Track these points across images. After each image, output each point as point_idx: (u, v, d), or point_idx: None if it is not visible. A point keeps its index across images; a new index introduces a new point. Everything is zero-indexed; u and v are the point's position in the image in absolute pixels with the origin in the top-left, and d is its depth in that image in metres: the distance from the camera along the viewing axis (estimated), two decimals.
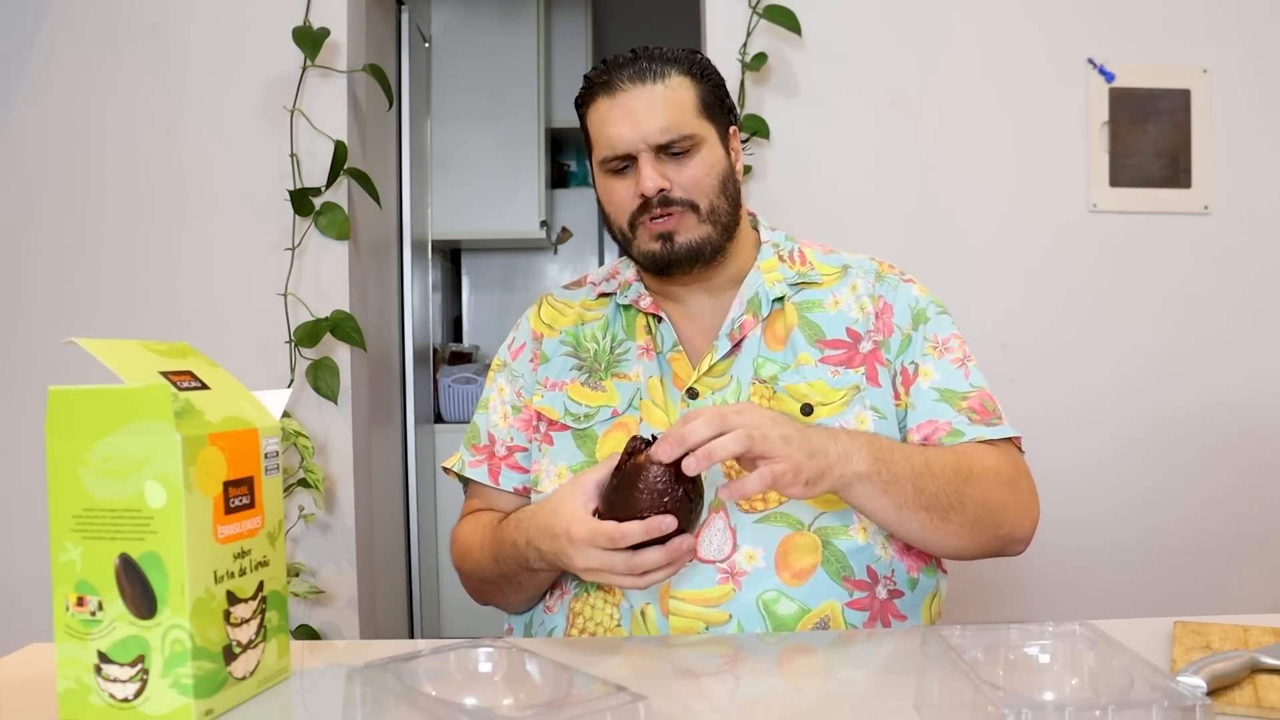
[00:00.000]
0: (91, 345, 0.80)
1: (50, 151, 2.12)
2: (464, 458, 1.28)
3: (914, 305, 1.21)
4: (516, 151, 3.50)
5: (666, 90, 1.13)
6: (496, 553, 1.12)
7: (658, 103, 1.13)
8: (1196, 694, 0.66)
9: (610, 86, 1.14)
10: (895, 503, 1.02)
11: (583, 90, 1.18)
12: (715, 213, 1.15)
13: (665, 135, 1.12)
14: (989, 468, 1.09)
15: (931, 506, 1.04)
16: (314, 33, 2.01)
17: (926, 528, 1.05)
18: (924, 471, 1.03)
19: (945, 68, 2.17)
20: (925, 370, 1.17)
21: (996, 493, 1.09)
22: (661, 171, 1.13)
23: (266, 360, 2.05)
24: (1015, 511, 1.11)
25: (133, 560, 0.77)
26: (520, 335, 1.31)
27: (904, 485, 1.02)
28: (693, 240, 1.15)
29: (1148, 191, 2.17)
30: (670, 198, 1.13)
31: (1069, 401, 2.15)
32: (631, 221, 1.16)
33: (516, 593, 1.16)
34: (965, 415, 1.14)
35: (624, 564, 0.93)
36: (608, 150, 1.15)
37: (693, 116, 1.15)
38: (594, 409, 1.19)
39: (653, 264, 1.17)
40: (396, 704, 0.71)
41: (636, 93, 1.13)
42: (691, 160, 1.14)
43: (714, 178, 1.15)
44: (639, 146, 1.13)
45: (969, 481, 1.06)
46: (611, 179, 1.17)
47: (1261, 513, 2.18)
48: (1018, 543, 1.12)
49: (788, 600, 1.07)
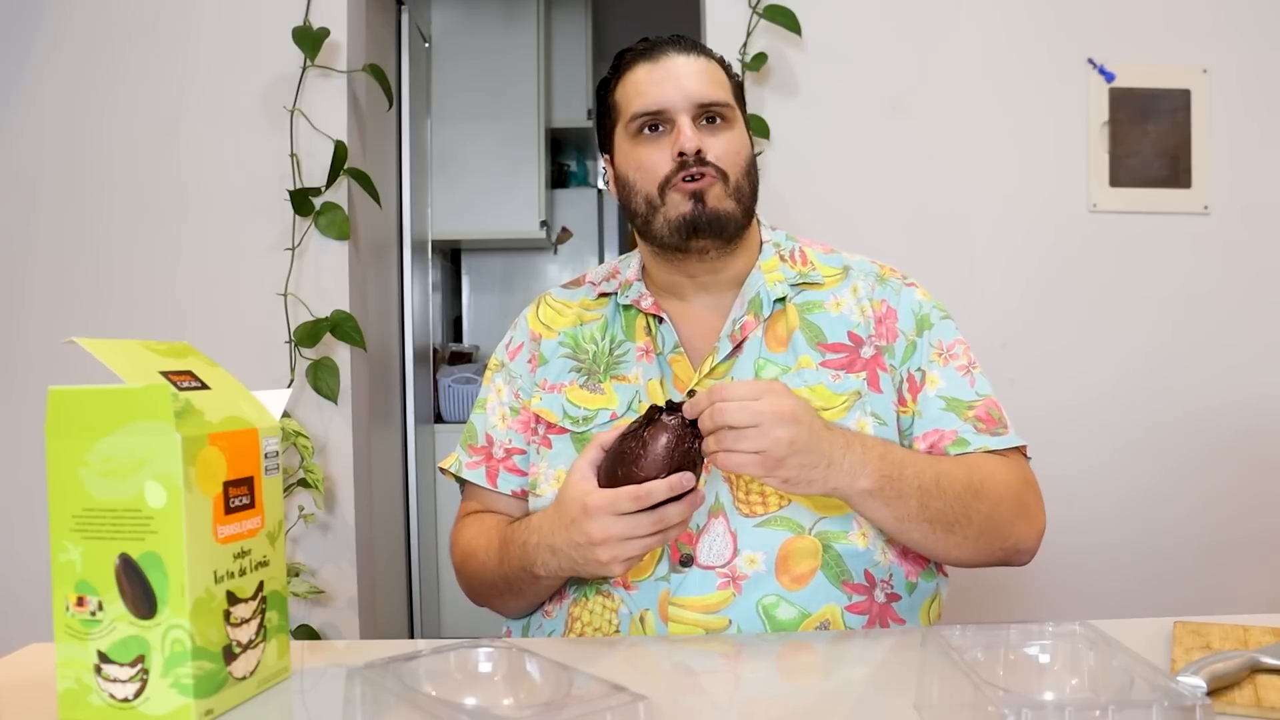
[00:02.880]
0: (91, 345, 0.80)
1: (50, 151, 2.12)
2: (461, 458, 1.27)
3: (917, 311, 1.20)
4: (516, 151, 3.50)
5: (708, 64, 1.19)
6: (503, 554, 1.11)
7: (701, 70, 1.17)
8: (1196, 694, 0.66)
9: (653, 53, 1.18)
10: (897, 515, 1.03)
11: (617, 62, 1.21)
12: (740, 191, 1.17)
13: (706, 96, 1.15)
14: (999, 481, 1.10)
15: (936, 521, 1.05)
16: (314, 33, 2.01)
17: (929, 539, 1.06)
18: (933, 489, 1.04)
19: (945, 68, 2.17)
20: (932, 378, 1.16)
21: (1004, 507, 1.10)
22: (699, 135, 1.15)
23: (266, 360, 2.05)
24: (1022, 525, 1.11)
25: (133, 560, 0.77)
26: (518, 335, 1.29)
27: (908, 501, 1.03)
28: (721, 210, 1.15)
29: (1148, 191, 2.17)
30: (705, 159, 1.14)
31: (1069, 401, 2.15)
32: (663, 185, 1.15)
33: (517, 599, 1.15)
34: (971, 424, 1.14)
35: (649, 522, 0.94)
36: (643, 106, 1.16)
37: (729, 95, 1.19)
38: (592, 412, 1.18)
39: (682, 227, 1.15)
40: (396, 704, 0.71)
41: (680, 59, 1.17)
42: (726, 133, 1.17)
43: (742, 156, 1.18)
44: (680, 105, 1.15)
45: (977, 497, 1.07)
46: (642, 144, 1.17)
47: (1261, 513, 2.17)
48: (1023, 554, 1.13)
49: (788, 605, 1.07)
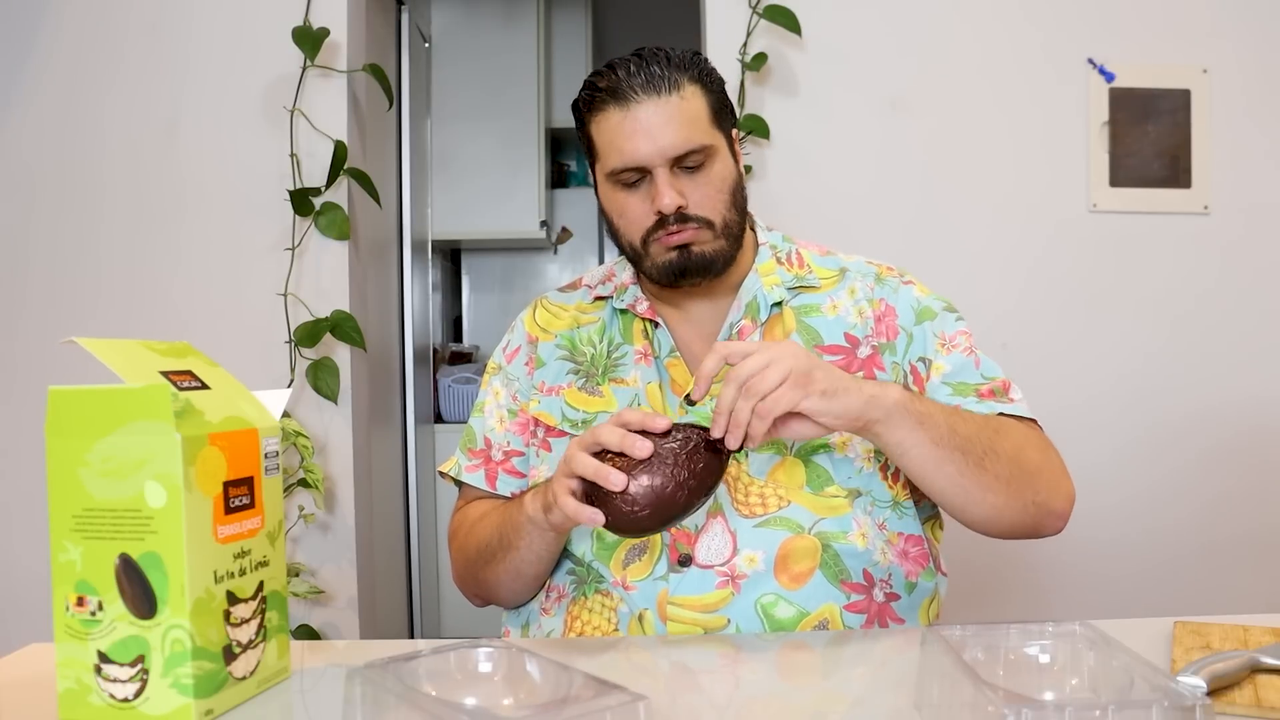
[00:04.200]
0: (91, 345, 0.80)
1: (50, 151, 2.12)
2: (460, 462, 1.27)
3: (916, 305, 1.20)
4: (516, 151, 3.50)
5: (681, 102, 1.10)
6: (504, 514, 1.13)
7: (674, 116, 1.10)
8: (1196, 694, 0.66)
9: (621, 96, 1.10)
10: (932, 438, 1.01)
11: (585, 95, 1.14)
12: (728, 227, 1.15)
13: (681, 148, 1.10)
14: (1017, 428, 1.10)
15: (968, 450, 1.02)
16: (314, 33, 2.01)
17: (965, 473, 1.03)
18: (954, 414, 1.04)
19: (945, 68, 2.17)
20: (937, 366, 1.17)
21: (1029, 452, 1.08)
22: (677, 187, 1.11)
23: (266, 360, 2.05)
24: (1050, 478, 1.09)
25: (133, 560, 0.77)
26: (515, 338, 1.29)
27: (937, 421, 1.01)
28: (707, 253, 1.14)
29: (1148, 191, 2.17)
30: (686, 214, 1.12)
31: (1069, 401, 2.15)
32: (645, 238, 1.14)
33: (506, 555, 1.13)
34: (975, 398, 1.14)
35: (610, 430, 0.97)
36: (620, 163, 1.12)
37: (706, 128, 1.12)
38: (592, 415, 1.18)
39: (668, 273, 1.14)
40: (396, 704, 0.71)
41: (651, 105, 1.09)
42: (705, 174, 1.12)
43: (726, 191, 1.14)
44: (655, 161, 1.10)
45: (1000, 434, 1.06)
46: (622, 192, 1.14)
47: (1261, 513, 2.18)
48: (1054, 516, 1.09)
49: (786, 604, 1.07)
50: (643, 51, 1.13)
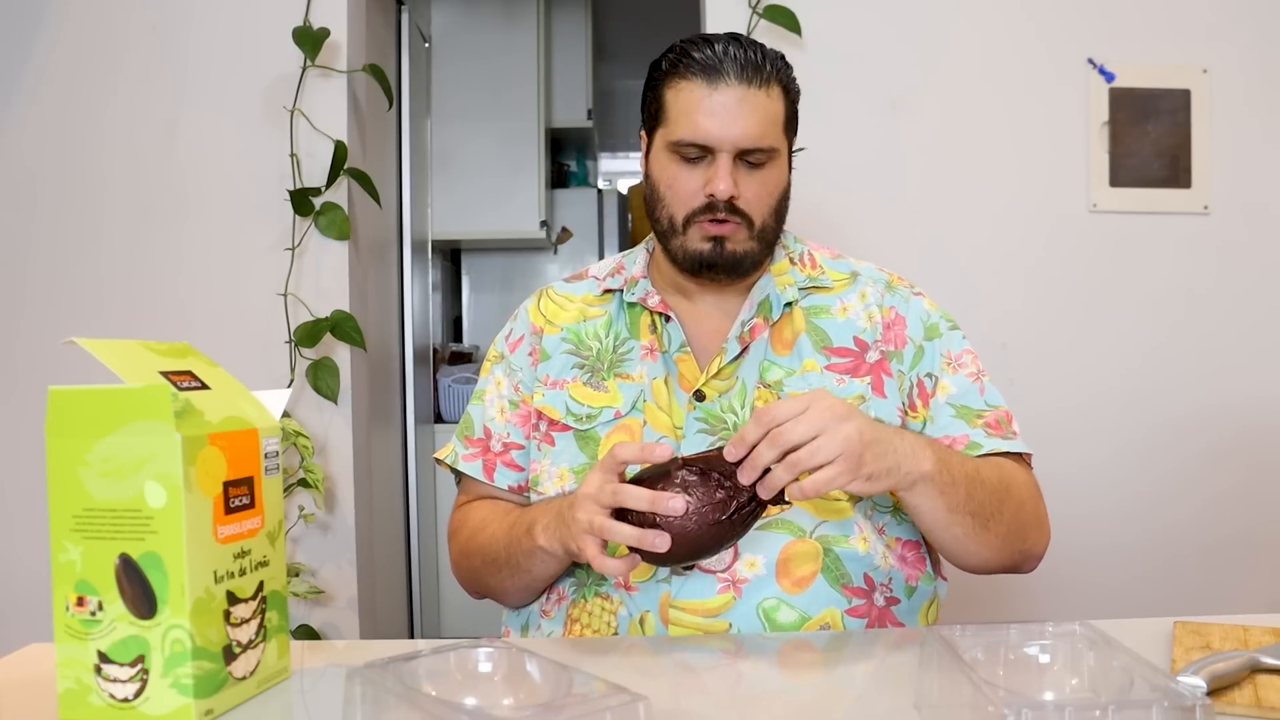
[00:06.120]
0: (91, 345, 0.80)
1: (50, 151, 2.12)
2: (457, 449, 1.25)
3: (925, 319, 1.21)
4: (516, 151, 3.50)
5: (767, 99, 1.12)
6: (516, 521, 1.12)
7: (756, 108, 1.11)
8: (1196, 694, 0.66)
9: (713, 72, 1.10)
10: (949, 505, 1.03)
11: (674, 58, 1.14)
12: (765, 231, 1.16)
13: (753, 142, 1.11)
14: (1020, 482, 1.12)
15: (978, 513, 1.05)
16: (314, 33, 2.01)
17: (968, 534, 1.06)
18: (975, 478, 1.05)
19: (945, 68, 2.17)
20: (943, 385, 1.17)
21: (1028, 507, 1.11)
22: (735, 178, 1.12)
23: (266, 360, 2.05)
24: (1036, 528, 1.13)
25: (133, 560, 0.77)
26: (518, 328, 1.28)
27: (959, 489, 1.03)
28: (739, 251, 1.14)
29: (1148, 191, 2.17)
30: (735, 206, 1.12)
31: (1069, 401, 2.15)
32: (688, 217, 1.14)
33: (513, 575, 1.13)
34: (982, 429, 1.15)
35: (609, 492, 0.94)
36: (689, 135, 1.12)
37: (778, 131, 1.14)
38: (596, 410, 1.18)
39: (697, 261, 1.15)
40: (396, 704, 0.71)
41: (740, 91, 1.10)
42: (763, 174, 1.14)
43: (775, 197, 1.16)
44: (724, 146, 1.11)
45: (1008, 493, 1.08)
46: (678, 164, 1.14)
47: (1261, 513, 2.17)
48: (1032, 560, 1.14)
49: (788, 608, 1.07)
50: (741, 38, 1.14)
